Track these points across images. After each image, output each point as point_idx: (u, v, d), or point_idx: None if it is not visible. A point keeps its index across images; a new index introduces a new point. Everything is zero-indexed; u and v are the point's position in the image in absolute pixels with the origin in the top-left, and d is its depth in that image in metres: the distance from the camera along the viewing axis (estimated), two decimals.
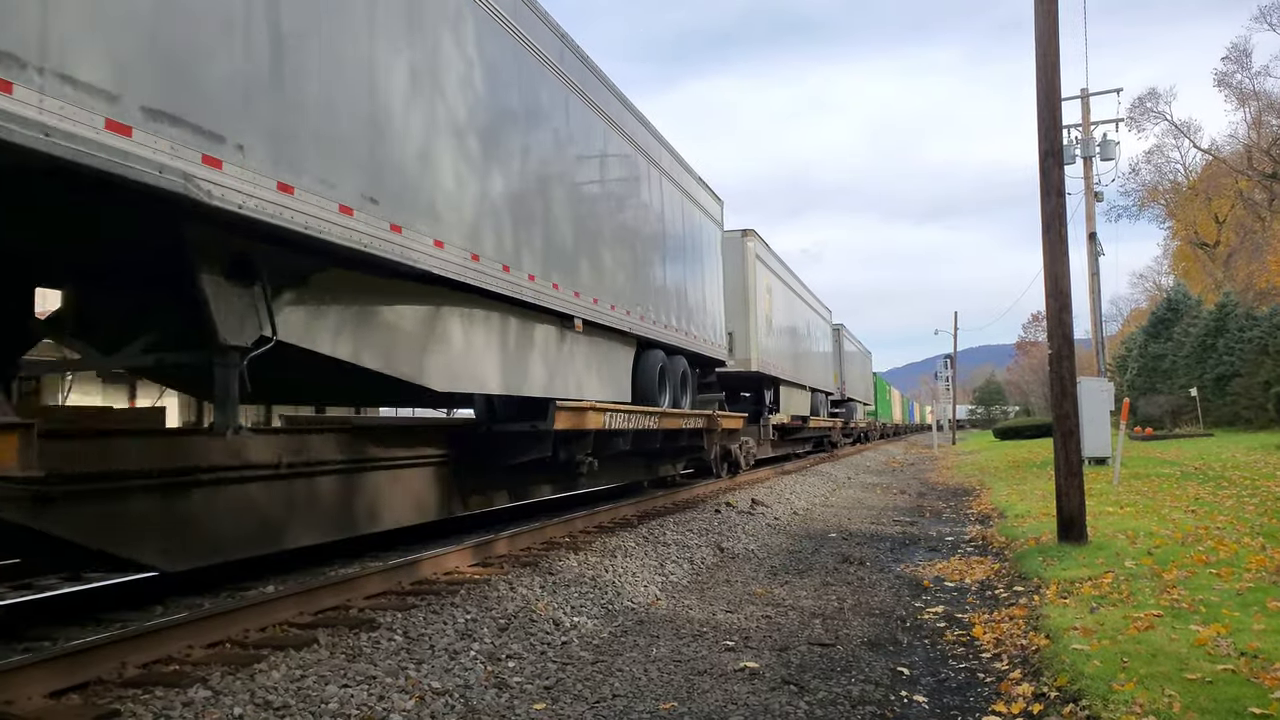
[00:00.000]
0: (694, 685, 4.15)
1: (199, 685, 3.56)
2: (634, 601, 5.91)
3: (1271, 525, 7.71)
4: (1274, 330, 29.67)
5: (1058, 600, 5.28)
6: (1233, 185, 46.61)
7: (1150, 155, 52.79)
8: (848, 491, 15.13)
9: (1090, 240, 22.12)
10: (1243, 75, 45.31)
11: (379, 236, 5.20)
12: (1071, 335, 7.55)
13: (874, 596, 6.21)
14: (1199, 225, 49.86)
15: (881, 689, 4.11)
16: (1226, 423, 30.75)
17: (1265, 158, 43.82)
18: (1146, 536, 7.27)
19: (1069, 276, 7.53)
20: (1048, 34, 7.56)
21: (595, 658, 4.60)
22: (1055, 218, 7.52)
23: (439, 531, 8.16)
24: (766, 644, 4.90)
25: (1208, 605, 4.83)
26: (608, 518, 9.04)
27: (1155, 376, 37.79)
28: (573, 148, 8.29)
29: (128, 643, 3.86)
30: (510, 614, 5.09)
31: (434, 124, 5.87)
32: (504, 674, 4.20)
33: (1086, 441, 14.02)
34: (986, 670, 4.35)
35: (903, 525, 10.43)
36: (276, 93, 4.45)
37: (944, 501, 13.39)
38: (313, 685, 3.71)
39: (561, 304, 7.82)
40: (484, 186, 6.57)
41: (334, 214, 4.82)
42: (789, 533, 9.65)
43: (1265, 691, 3.41)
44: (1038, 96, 7.64)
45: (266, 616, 4.62)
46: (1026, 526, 8.68)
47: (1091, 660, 3.96)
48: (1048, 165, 7.54)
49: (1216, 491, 10.84)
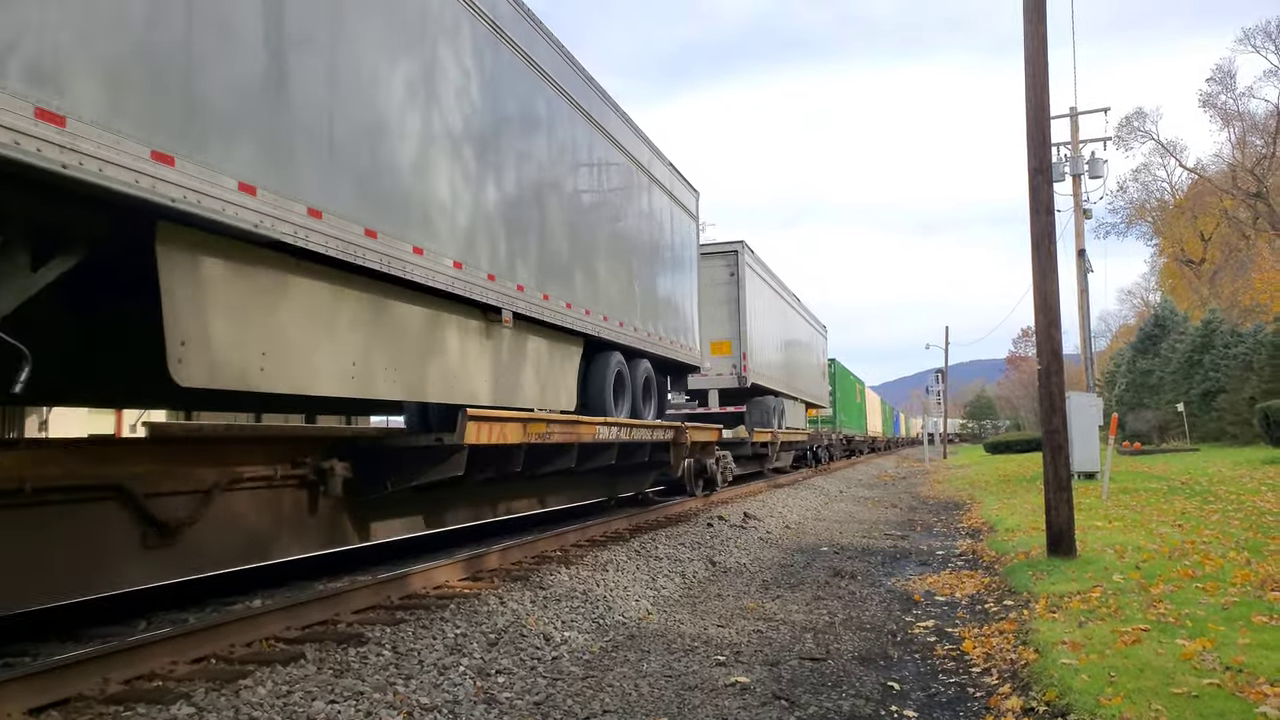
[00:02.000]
0: (685, 700, 4.13)
1: (182, 701, 3.52)
2: (625, 616, 5.88)
3: (1256, 540, 7.76)
4: (1258, 347, 29.97)
5: (1047, 614, 5.30)
6: (1218, 204, 47.21)
7: (1138, 173, 53.47)
8: (840, 505, 15.13)
9: (1079, 257, 22.32)
10: (1227, 96, 46.08)
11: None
12: (1060, 351, 7.61)
13: (865, 611, 6.21)
14: (1185, 243, 50.43)
15: (872, 704, 4.10)
16: (1213, 438, 30.98)
17: (1249, 177, 44.43)
18: (1134, 551, 7.31)
19: (1058, 293, 7.60)
20: (1037, 54, 7.67)
21: (586, 673, 4.58)
22: (1044, 235, 7.60)
23: (420, 547, 8.11)
24: (758, 659, 4.88)
25: (1194, 619, 4.85)
26: (599, 531, 9.01)
27: (1143, 392, 38.07)
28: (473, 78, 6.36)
29: (110, 658, 3.81)
30: (500, 629, 5.06)
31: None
32: (493, 689, 4.17)
33: (1075, 456, 14.11)
34: (976, 685, 4.35)
35: (894, 539, 10.44)
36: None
37: (935, 515, 13.41)
38: (299, 701, 3.67)
39: (479, 292, 6.32)
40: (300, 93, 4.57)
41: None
42: (781, 546, 9.64)
43: (1250, 706, 3.43)
44: (1027, 114, 7.73)
45: (253, 631, 4.57)
46: (1016, 541, 8.71)
47: (1080, 674, 3.97)
48: (1037, 182, 7.63)
49: (1203, 506, 10.91)
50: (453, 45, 6.21)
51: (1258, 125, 45.40)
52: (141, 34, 3.71)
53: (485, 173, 6.60)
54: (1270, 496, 11.68)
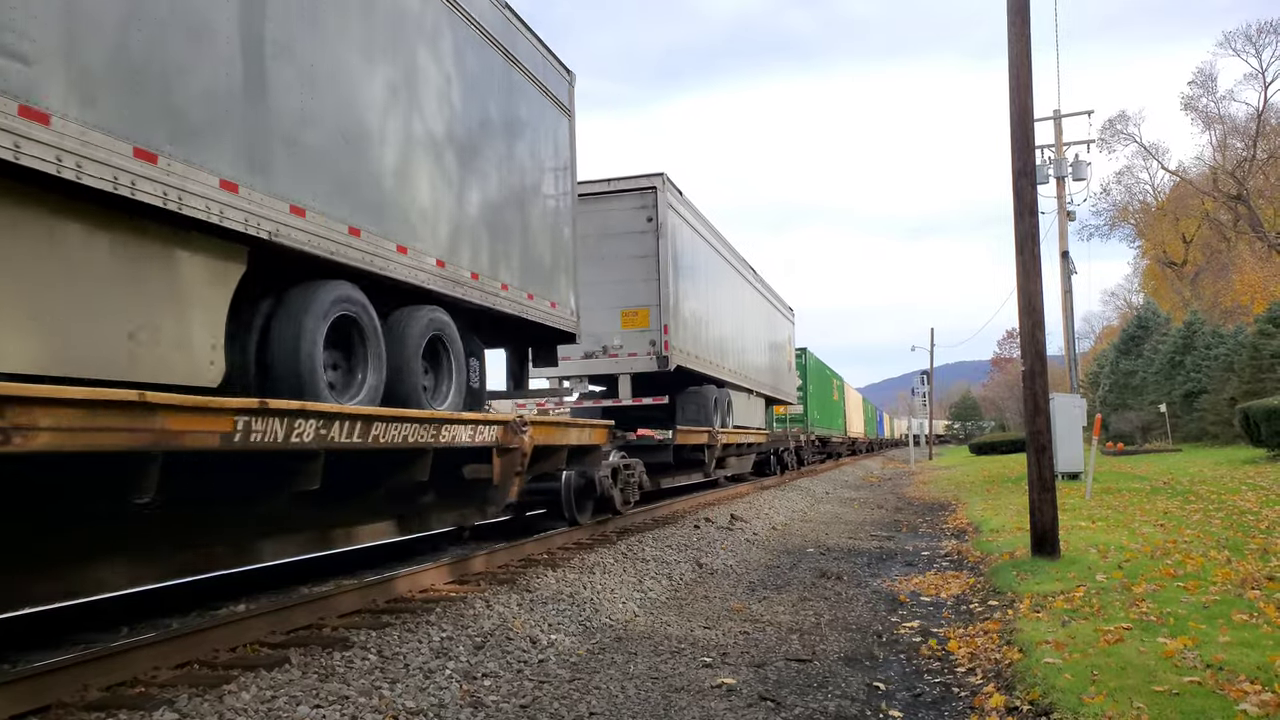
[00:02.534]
0: (671, 702, 4.13)
1: (165, 708, 3.49)
2: (612, 618, 5.88)
3: (1237, 539, 7.85)
4: (1239, 348, 30.33)
5: (1031, 614, 5.33)
6: (1199, 206, 47.77)
7: (1120, 176, 54.04)
8: (826, 507, 15.18)
9: (1063, 259, 22.52)
10: (1208, 99, 46.62)
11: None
12: (1044, 352, 7.67)
13: (851, 611, 6.23)
14: (1167, 245, 50.98)
15: (858, 704, 4.12)
16: (1194, 438, 31.31)
17: (1230, 180, 44.98)
18: (1117, 550, 7.37)
19: (1042, 295, 7.66)
20: (1021, 57, 7.73)
21: (572, 675, 4.57)
22: (1029, 237, 7.65)
23: (407, 551, 8.07)
24: (744, 660, 4.89)
25: (1175, 618, 4.90)
26: (586, 535, 8.99)
27: (1126, 393, 38.43)
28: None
29: (90, 664, 3.77)
30: (486, 632, 5.04)
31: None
32: (479, 693, 4.15)
33: (1059, 457, 14.22)
34: (961, 684, 4.38)
35: (880, 540, 10.48)
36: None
37: (920, 516, 13.48)
38: (284, 706, 3.65)
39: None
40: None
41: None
42: (767, 548, 9.66)
43: (1230, 703, 3.47)
44: (1011, 117, 7.79)
45: (237, 636, 4.54)
46: (1001, 541, 8.77)
47: (1063, 673, 4.01)
48: (1021, 185, 7.68)
49: (1184, 506, 11.02)
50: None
51: (1238, 128, 46.01)
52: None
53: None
54: (1250, 496, 11.82)
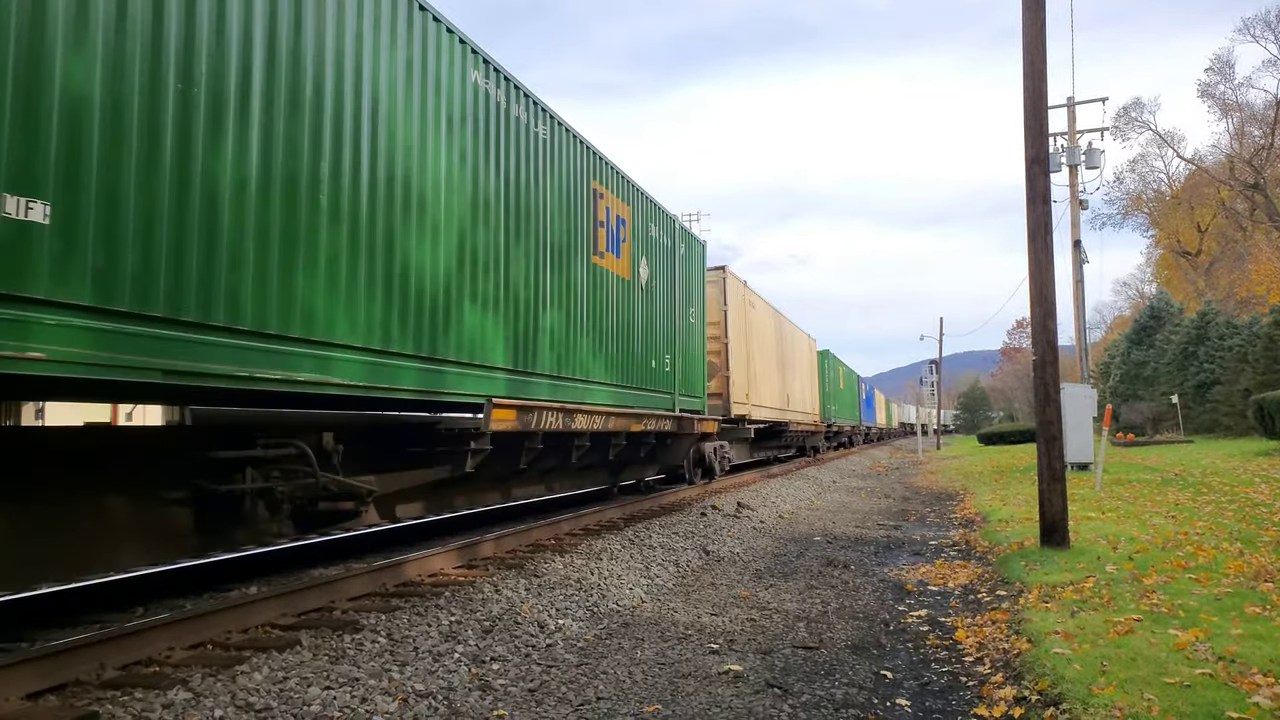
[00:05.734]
0: (678, 688, 4.15)
1: (179, 687, 3.53)
2: (619, 604, 5.90)
3: (1249, 531, 7.80)
4: (1254, 339, 30.04)
5: (1040, 604, 5.32)
6: (1215, 195, 47.19)
7: (1134, 164, 53.46)
8: (833, 495, 15.18)
9: (1075, 248, 22.33)
10: (1225, 86, 45.93)
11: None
12: (1055, 342, 7.62)
13: (858, 600, 6.24)
14: (1181, 234, 50.44)
15: (865, 692, 4.12)
16: (1207, 430, 31.10)
17: (1247, 168, 44.39)
18: (1127, 541, 7.34)
19: (1053, 284, 7.60)
20: (1035, 41, 7.63)
21: (580, 660, 4.59)
22: (1041, 225, 7.58)
23: (417, 534, 8.11)
24: (751, 647, 4.91)
25: (1186, 610, 4.88)
26: (593, 520, 9.02)
27: (1137, 383, 38.17)
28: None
29: (107, 644, 3.81)
30: (495, 616, 5.07)
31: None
32: (488, 676, 4.18)
33: (1069, 447, 14.16)
34: (969, 674, 4.38)
35: (887, 529, 10.48)
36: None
37: (928, 506, 13.46)
38: (295, 687, 3.68)
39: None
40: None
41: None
42: (774, 536, 9.67)
43: (1242, 696, 3.45)
44: (1024, 104, 7.70)
45: (249, 618, 4.58)
46: (1009, 531, 8.75)
47: (1072, 664, 4.00)
48: (1034, 172, 7.61)
49: (1196, 497, 10.96)
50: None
51: (1256, 116, 45.32)
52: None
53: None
54: (1264, 488, 11.74)
